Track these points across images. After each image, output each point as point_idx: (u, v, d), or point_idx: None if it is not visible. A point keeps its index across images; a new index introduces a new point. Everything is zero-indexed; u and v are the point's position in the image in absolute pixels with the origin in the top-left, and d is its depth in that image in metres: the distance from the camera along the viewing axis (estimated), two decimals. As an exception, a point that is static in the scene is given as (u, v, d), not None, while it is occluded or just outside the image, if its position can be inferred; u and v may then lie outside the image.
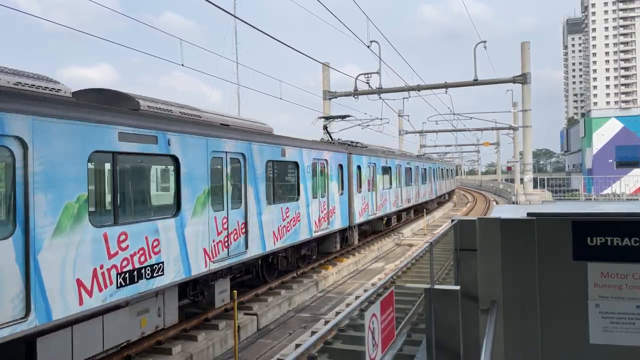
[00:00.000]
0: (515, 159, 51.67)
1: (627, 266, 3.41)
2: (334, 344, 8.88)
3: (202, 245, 9.86)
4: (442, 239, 4.48)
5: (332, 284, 15.89)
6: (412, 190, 29.61)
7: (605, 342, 3.45)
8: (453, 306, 3.25)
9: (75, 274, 6.93)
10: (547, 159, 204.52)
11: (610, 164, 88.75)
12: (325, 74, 32.79)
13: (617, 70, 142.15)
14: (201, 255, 9.82)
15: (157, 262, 8.59)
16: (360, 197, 19.84)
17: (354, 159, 19.26)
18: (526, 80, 30.53)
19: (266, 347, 10.31)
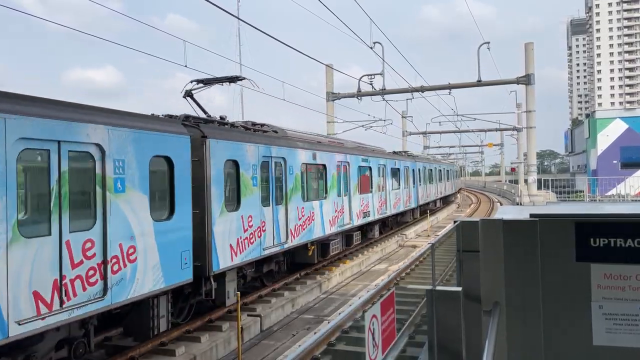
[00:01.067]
0: (519, 160, 51.54)
1: (631, 267, 3.40)
2: (337, 345, 8.88)
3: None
4: (446, 240, 4.47)
5: (336, 286, 15.88)
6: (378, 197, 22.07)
7: (608, 344, 3.43)
8: (455, 308, 3.24)
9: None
10: (551, 160, 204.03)
11: (615, 165, 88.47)
12: (329, 75, 32.80)
13: (621, 71, 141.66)
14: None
15: None
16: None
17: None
18: (530, 81, 30.47)
19: (270, 349, 10.31)
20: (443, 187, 41.40)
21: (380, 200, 22.27)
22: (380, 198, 22.30)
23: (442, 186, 40.99)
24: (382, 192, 22.47)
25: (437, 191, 38.10)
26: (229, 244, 10.72)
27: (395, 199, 24.81)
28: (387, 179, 23.40)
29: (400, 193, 25.82)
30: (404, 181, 26.74)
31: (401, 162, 26.48)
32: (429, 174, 33.83)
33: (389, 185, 23.52)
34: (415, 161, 30.06)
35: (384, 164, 23.56)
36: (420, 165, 30.76)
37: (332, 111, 32.83)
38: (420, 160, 31.54)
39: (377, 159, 22.06)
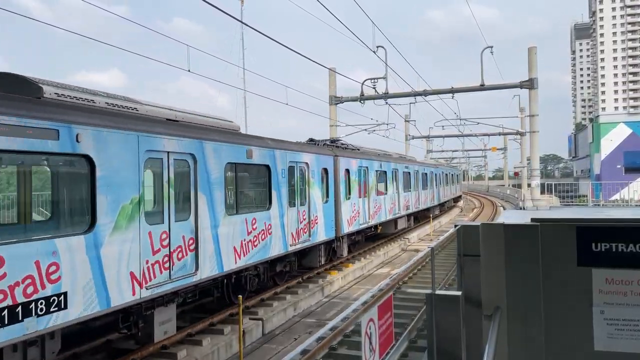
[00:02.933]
0: (522, 164, 51.45)
1: (633, 272, 3.38)
2: (339, 350, 8.86)
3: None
4: (448, 245, 4.46)
5: (338, 289, 15.86)
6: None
7: (610, 349, 3.41)
8: (455, 312, 3.23)
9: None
10: (554, 165, 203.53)
11: (619, 170, 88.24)
12: (332, 79, 32.84)
13: (625, 76, 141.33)
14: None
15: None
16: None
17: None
18: (533, 86, 30.43)
19: (271, 352, 10.30)
20: (438, 192, 37.41)
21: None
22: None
23: (438, 192, 37.32)
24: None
25: (432, 197, 34.54)
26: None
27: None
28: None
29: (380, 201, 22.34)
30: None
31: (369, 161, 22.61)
32: (420, 179, 30.36)
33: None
34: (394, 162, 25.63)
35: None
36: (402, 167, 26.88)
37: (335, 115, 32.85)
38: (402, 162, 27.26)
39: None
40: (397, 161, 25.70)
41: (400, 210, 25.36)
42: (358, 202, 19.04)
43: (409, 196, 27.27)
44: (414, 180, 28.76)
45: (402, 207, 25.70)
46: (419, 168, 30.37)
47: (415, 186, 29.10)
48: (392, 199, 24.02)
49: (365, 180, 20.05)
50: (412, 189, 28.00)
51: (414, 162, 30.17)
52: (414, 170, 29.01)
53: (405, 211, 26.48)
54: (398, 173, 25.15)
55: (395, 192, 24.63)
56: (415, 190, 28.86)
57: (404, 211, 26.07)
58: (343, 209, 17.34)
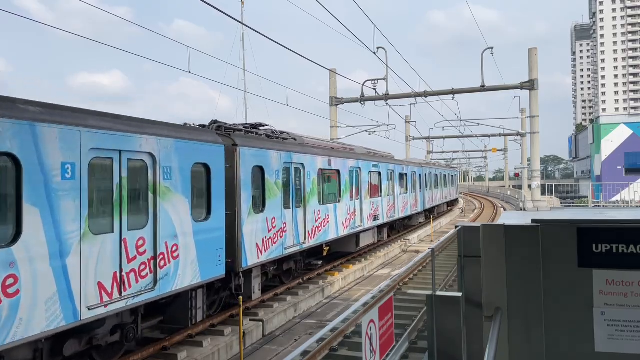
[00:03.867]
0: (523, 165, 51.44)
1: (633, 273, 3.38)
2: (340, 351, 8.85)
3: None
4: (449, 246, 4.46)
5: (338, 290, 15.85)
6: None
7: (611, 350, 3.41)
8: (456, 313, 3.23)
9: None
10: (555, 166, 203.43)
11: (620, 171, 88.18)
12: (333, 80, 32.85)
13: (625, 77, 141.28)
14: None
15: None
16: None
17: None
18: (533, 87, 30.43)
19: (272, 354, 10.30)
20: (423, 197, 30.88)
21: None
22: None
23: (423, 196, 30.78)
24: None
25: (414, 203, 28.49)
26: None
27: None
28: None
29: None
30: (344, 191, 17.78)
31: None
32: (396, 180, 24.48)
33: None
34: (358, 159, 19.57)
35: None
36: (367, 166, 20.42)
37: (336, 116, 32.85)
38: (369, 159, 20.89)
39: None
40: (361, 157, 19.59)
41: (364, 222, 19.36)
42: (283, 216, 13.17)
43: (378, 203, 21.28)
44: (388, 182, 22.91)
45: (367, 218, 19.65)
46: (394, 167, 24.23)
47: (390, 190, 23.24)
48: (351, 207, 18.12)
49: (300, 183, 14.39)
50: (383, 194, 21.93)
51: (388, 160, 23.97)
52: (388, 169, 22.99)
53: (372, 222, 20.42)
54: (361, 173, 19.22)
55: (356, 198, 18.68)
56: (389, 195, 22.98)
57: (369, 223, 20.02)
58: (248, 227, 11.57)
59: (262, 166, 12.32)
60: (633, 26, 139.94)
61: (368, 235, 20.61)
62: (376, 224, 21.19)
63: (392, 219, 23.81)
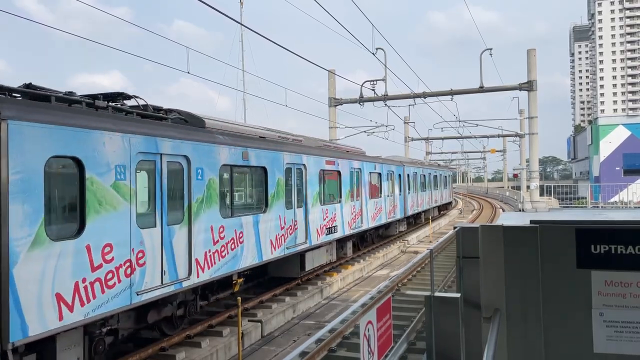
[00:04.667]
0: (521, 166, 51.49)
1: (632, 274, 3.38)
2: (338, 352, 8.84)
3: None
4: (448, 246, 4.46)
5: (337, 291, 15.84)
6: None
7: (609, 351, 3.41)
8: (454, 314, 3.23)
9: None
10: (554, 167, 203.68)
11: (618, 172, 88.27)
12: (331, 81, 32.85)
13: (624, 78, 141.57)
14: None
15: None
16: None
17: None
18: (532, 88, 30.46)
19: (270, 354, 10.28)
20: (403, 202, 26.13)
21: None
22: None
23: (403, 201, 25.94)
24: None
25: (392, 209, 23.84)
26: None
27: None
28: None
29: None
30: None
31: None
32: (352, 181, 18.68)
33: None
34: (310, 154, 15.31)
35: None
36: (315, 162, 15.49)
37: (335, 117, 32.85)
38: (313, 152, 15.68)
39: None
40: (307, 152, 14.89)
41: (312, 238, 14.88)
42: (131, 242, 8.04)
43: (336, 211, 16.72)
44: (352, 184, 18.32)
45: (316, 232, 15.21)
46: (362, 165, 19.50)
47: (356, 193, 18.78)
48: (288, 218, 13.44)
49: (181, 186, 9.45)
50: (344, 199, 17.46)
51: (354, 156, 19.13)
52: (351, 168, 18.25)
53: (325, 237, 15.84)
54: (307, 172, 14.58)
55: (297, 206, 14.11)
56: (353, 201, 18.40)
57: (320, 237, 15.49)
58: (30, 270, 6.43)
59: (80, 159, 7.24)
60: (631, 27, 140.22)
61: (319, 254, 16.06)
62: (333, 237, 16.51)
63: (357, 230, 18.99)
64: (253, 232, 11.74)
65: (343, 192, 17.59)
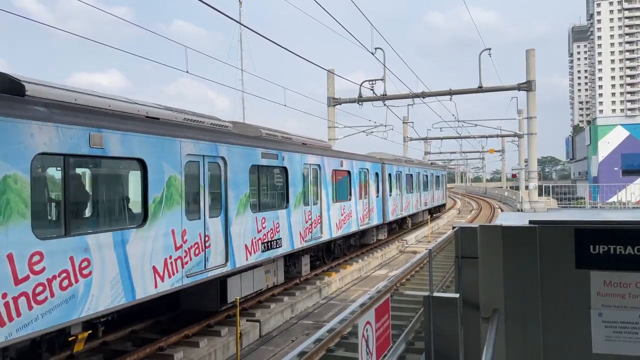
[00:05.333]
0: (520, 166, 51.53)
1: (631, 275, 3.37)
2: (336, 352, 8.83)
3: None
4: (446, 246, 4.45)
5: (335, 291, 15.84)
6: None
7: (608, 352, 3.41)
8: (453, 314, 3.22)
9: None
10: (552, 167, 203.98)
11: (616, 172, 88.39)
12: (330, 80, 32.85)
13: (622, 78, 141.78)
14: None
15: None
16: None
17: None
18: (531, 88, 30.48)
19: (268, 354, 10.27)
20: (382, 207, 22.31)
21: None
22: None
23: (380, 204, 22.04)
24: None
25: (367, 214, 20.26)
26: None
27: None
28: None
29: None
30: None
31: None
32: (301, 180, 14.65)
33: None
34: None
35: None
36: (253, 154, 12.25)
37: (334, 116, 32.85)
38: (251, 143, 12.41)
39: None
40: (232, 141, 11.22)
41: (239, 257, 11.22)
42: None
43: (280, 219, 13.11)
44: (306, 184, 14.68)
45: (247, 248, 11.54)
46: (323, 162, 15.93)
47: (313, 195, 15.28)
48: (192, 232, 9.71)
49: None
50: (293, 203, 13.80)
51: (313, 150, 15.63)
52: (305, 165, 14.66)
53: (261, 255, 12.12)
54: (228, 168, 10.90)
55: (210, 215, 10.35)
56: (307, 205, 14.72)
57: (252, 256, 11.76)
58: None
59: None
60: (630, 28, 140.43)
61: (254, 278, 12.30)
62: (275, 254, 12.83)
63: (315, 241, 15.34)
64: (140, 255, 8.32)
65: (292, 195, 13.73)
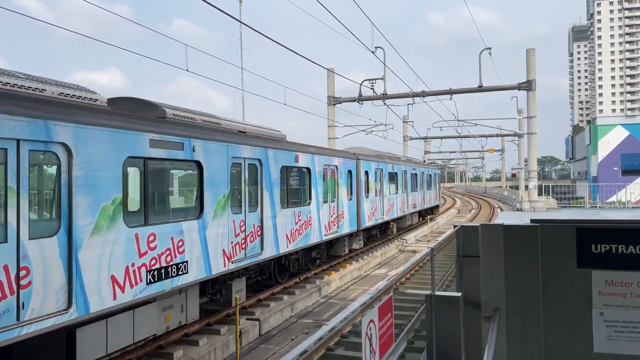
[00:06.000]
0: (520, 165, 51.53)
1: (632, 274, 3.37)
2: (336, 350, 8.83)
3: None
4: (446, 245, 4.45)
5: (335, 290, 15.83)
6: None
7: (609, 351, 3.40)
8: (454, 313, 3.21)
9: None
10: (552, 166, 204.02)
11: (616, 172, 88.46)
12: (331, 79, 32.83)
13: (622, 78, 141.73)
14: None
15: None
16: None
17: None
18: (531, 87, 30.47)
19: (268, 353, 10.27)
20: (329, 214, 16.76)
21: None
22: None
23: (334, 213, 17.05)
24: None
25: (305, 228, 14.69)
26: None
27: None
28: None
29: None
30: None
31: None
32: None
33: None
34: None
35: None
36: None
37: (334, 115, 32.84)
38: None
39: None
40: (130, 125, 8.36)
41: (84, 299, 7.18)
42: None
43: (196, 233, 9.73)
44: (211, 183, 10.28)
45: (105, 284, 7.60)
46: (267, 154, 12.50)
47: (225, 203, 10.62)
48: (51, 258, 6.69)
49: None
50: (185, 211, 10.52)
51: (257, 141, 12.28)
52: (238, 156, 11.28)
53: (139, 290, 8.31)
54: (66, 164, 7.14)
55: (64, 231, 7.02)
56: (232, 214, 10.95)
57: (131, 289, 8.06)
58: None
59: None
60: (630, 27, 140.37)
61: (140, 320, 8.78)
62: (172, 285, 9.09)
63: (250, 260, 11.61)
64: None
65: (209, 200, 10.15)
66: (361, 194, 19.69)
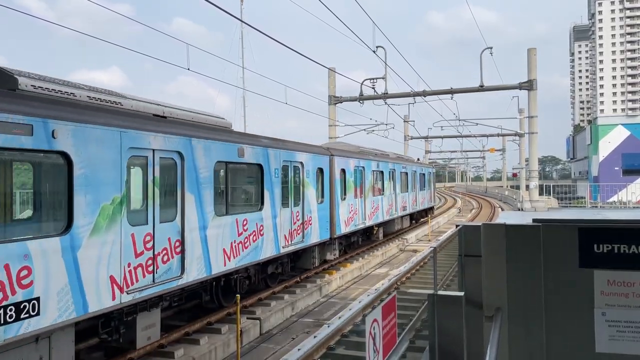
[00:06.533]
0: (521, 165, 51.51)
1: (634, 274, 3.36)
2: (337, 350, 8.83)
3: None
4: (447, 245, 4.44)
5: (336, 289, 15.83)
6: None
7: (611, 351, 3.40)
8: (457, 313, 3.21)
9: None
10: (553, 166, 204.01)
11: (617, 172, 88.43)
12: (332, 78, 32.83)
13: (623, 78, 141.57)
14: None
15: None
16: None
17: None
18: (532, 87, 30.45)
19: (269, 352, 10.27)
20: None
21: None
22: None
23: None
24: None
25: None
26: None
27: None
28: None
29: None
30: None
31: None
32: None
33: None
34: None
35: None
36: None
37: (334, 114, 32.83)
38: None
39: None
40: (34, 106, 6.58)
41: None
42: None
43: (52, 260, 6.59)
44: (89, 183, 7.25)
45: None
46: (207, 146, 10.02)
47: (111, 213, 7.54)
48: None
49: None
50: (50, 227, 6.99)
51: (189, 129, 9.74)
52: (114, 150, 7.82)
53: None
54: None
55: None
56: (115, 228, 7.66)
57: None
58: None
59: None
60: (631, 27, 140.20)
61: None
62: (25, 329, 6.25)
63: (161, 287, 8.79)
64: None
65: (87, 209, 7.28)
66: (335, 196, 16.89)
